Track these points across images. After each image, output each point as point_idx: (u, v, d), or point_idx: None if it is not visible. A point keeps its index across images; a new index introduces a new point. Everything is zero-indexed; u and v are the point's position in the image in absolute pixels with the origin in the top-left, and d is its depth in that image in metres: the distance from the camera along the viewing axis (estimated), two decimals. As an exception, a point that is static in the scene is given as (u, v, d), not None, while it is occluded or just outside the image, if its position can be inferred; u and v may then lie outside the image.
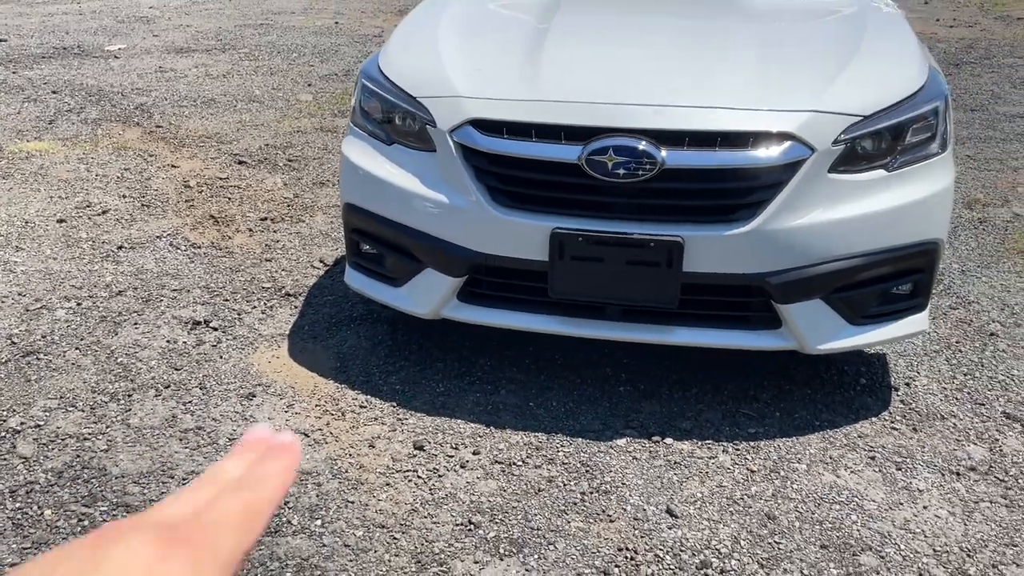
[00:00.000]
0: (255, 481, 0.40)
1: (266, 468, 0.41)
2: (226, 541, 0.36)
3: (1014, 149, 5.51)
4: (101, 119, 5.97)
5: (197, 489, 0.39)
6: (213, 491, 0.39)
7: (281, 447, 0.43)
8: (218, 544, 0.36)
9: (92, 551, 0.33)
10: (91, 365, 3.09)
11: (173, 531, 0.35)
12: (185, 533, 0.35)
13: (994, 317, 3.46)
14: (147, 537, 0.34)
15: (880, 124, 2.61)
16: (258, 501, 0.39)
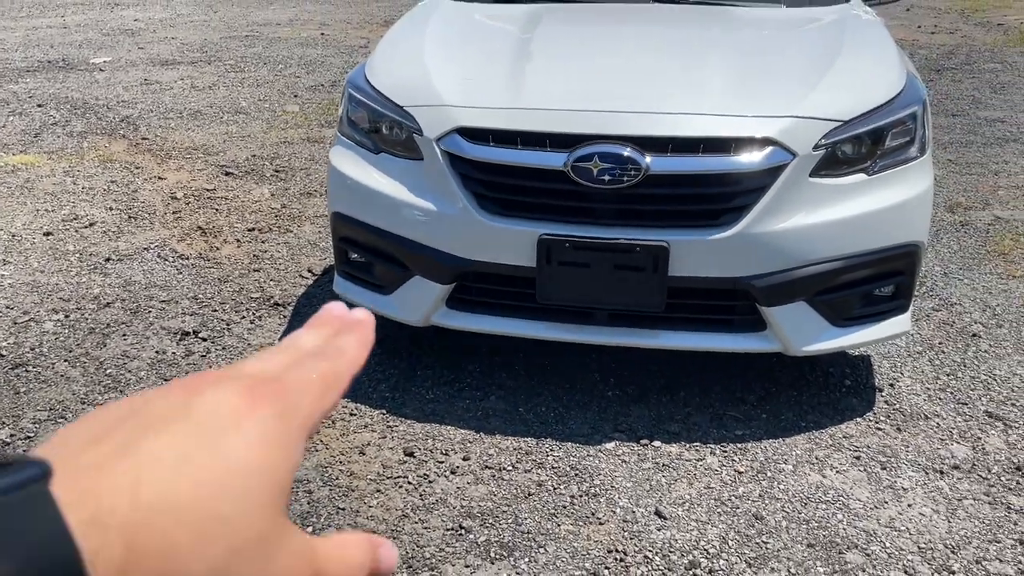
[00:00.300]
0: (333, 351, 0.40)
1: (343, 340, 0.41)
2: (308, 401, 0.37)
3: (994, 153, 5.59)
4: (87, 132, 5.97)
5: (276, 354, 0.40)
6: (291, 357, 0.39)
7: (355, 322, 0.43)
8: (300, 402, 0.36)
9: (184, 394, 0.34)
10: (80, 377, 3.09)
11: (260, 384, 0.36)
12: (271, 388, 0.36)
13: (976, 318, 3.51)
14: (236, 386, 0.35)
15: (860, 129, 2.65)
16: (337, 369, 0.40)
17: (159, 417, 0.33)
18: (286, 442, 0.34)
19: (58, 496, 0.28)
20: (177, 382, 0.36)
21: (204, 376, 0.36)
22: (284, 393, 0.36)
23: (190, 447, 0.32)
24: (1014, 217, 4.55)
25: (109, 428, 0.32)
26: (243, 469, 0.32)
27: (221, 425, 0.33)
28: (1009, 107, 6.70)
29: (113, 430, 0.32)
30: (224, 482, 0.32)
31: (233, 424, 0.33)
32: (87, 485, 0.29)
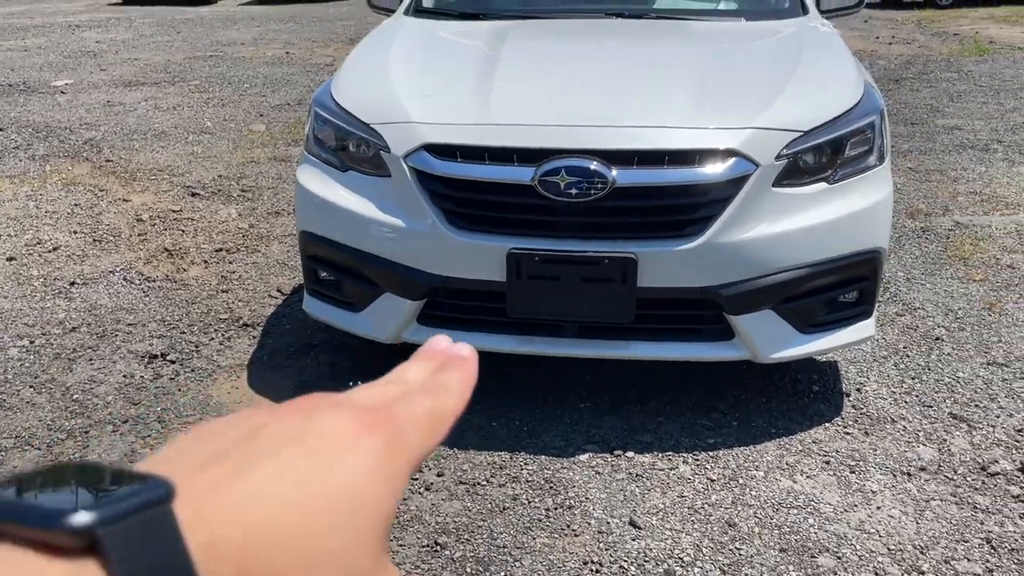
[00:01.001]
0: (439, 388, 0.40)
1: (447, 377, 0.41)
2: (415, 435, 0.37)
3: (953, 160, 5.71)
4: (49, 155, 5.90)
5: (384, 385, 0.40)
6: (399, 390, 0.39)
7: (459, 358, 0.43)
8: (408, 436, 0.36)
9: (299, 417, 0.34)
10: (46, 403, 3.05)
11: (372, 412, 0.36)
12: (382, 417, 0.36)
13: (939, 322, 3.58)
14: (348, 412, 0.35)
15: (820, 139, 2.70)
16: (443, 407, 0.39)
17: (275, 440, 0.33)
18: (393, 475, 0.34)
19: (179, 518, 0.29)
20: (292, 404, 0.36)
21: (318, 399, 0.36)
22: (394, 424, 0.36)
23: (302, 474, 0.32)
24: (973, 222, 4.65)
25: (226, 447, 0.32)
26: (352, 502, 0.32)
27: (333, 450, 0.33)
28: (966, 115, 6.85)
29: (230, 450, 0.32)
30: (333, 515, 0.32)
31: (344, 450, 0.33)
32: (204, 508, 0.29)
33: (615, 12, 3.73)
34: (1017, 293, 3.82)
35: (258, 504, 0.30)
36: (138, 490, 0.28)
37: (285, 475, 0.31)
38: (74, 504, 0.27)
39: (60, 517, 0.27)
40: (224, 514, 0.30)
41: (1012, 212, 4.79)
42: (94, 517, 0.27)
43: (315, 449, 0.33)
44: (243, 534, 0.29)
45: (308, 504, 0.31)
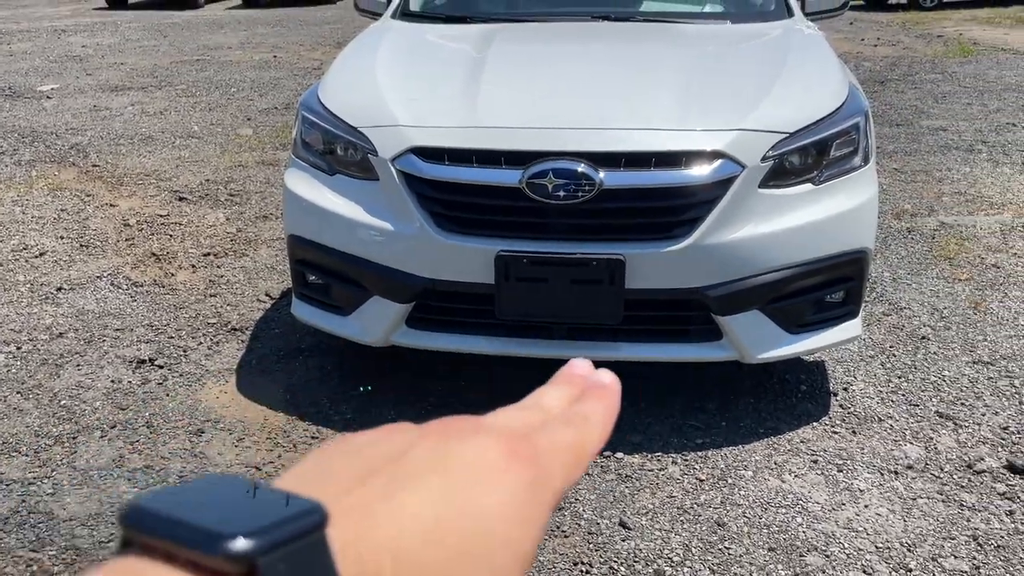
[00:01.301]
0: (580, 419, 0.38)
1: (589, 408, 0.39)
2: (558, 471, 0.35)
3: (938, 161, 5.75)
4: (35, 160, 5.87)
5: (522, 411, 0.38)
6: (538, 418, 0.37)
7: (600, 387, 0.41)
8: (552, 471, 0.34)
9: (443, 442, 0.33)
10: (33, 409, 3.03)
11: (515, 442, 0.34)
12: (525, 449, 0.34)
13: (925, 321, 3.60)
14: (493, 441, 0.34)
15: (805, 140, 2.72)
16: (584, 441, 0.37)
17: (419, 465, 0.32)
18: (535, 513, 0.33)
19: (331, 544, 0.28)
20: (436, 426, 0.35)
21: (461, 423, 0.35)
22: (537, 457, 0.34)
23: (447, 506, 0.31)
24: (958, 222, 4.68)
25: (371, 468, 0.32)
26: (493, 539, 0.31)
27: (477, 482, 0.32)
28: (950, 116, 6.90)
29: (375, 472, 0.31)
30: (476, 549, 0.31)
31: (489, 481, 0.32)
32: (353, 535, 0.29)
33: (602, 15, 3.75)
34: (1002, 292, 3.86)
35: (403, 534, 0.29)
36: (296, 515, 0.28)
37: (430, 505, 0.31)
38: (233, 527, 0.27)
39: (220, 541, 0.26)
40: (372, 542, 0.29)
41: (996, 212, 4.83)
42: (254, 545, 0.26)
43: (460, 479, 0.32)
44: (391, 563, 0.29)
45: (452, 537, 0.30)
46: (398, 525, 0.30)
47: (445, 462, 0.32)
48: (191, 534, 0.27)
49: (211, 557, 0.26)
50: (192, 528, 0.27)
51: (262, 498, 0.29)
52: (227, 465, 2.72)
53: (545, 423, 0.37)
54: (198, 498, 0.29)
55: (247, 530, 0.26)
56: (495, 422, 0.36)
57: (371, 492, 0.30)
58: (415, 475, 0.31)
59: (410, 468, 0.32)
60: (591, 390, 0.40)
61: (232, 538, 0.26)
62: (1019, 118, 6.77)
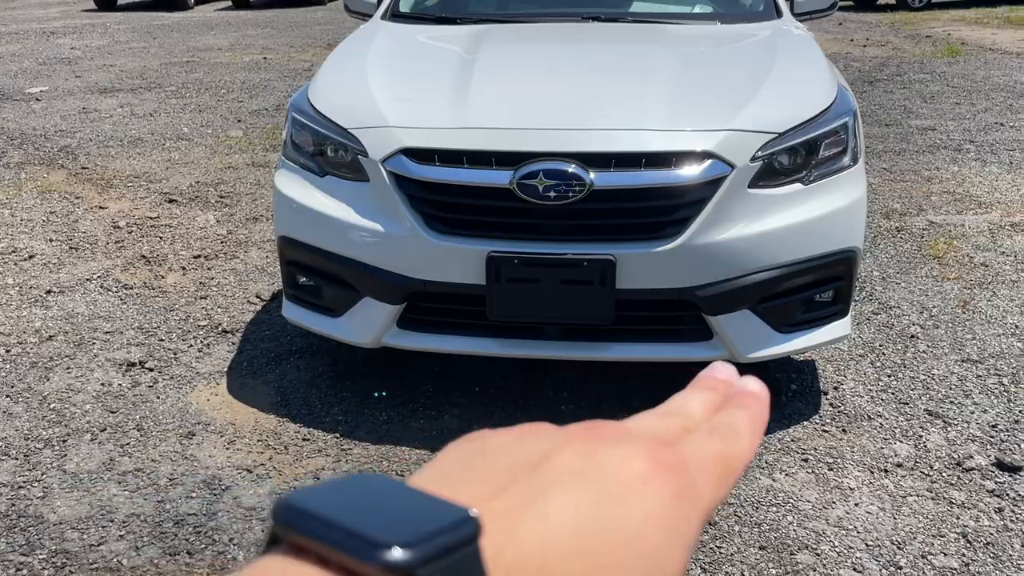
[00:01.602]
0: (727, 430, 0.35)
1: (736, 418, 0.36)
2: (707, 485, 0.33)
3: (927, 160, 5.78)
4: (24, 163, 5.85)
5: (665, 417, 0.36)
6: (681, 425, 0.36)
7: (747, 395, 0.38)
8: (700, 485, 0.33)
9: (586, 447, 0.32)
10: (23, 412, 3.02)
11: (662, 451, 0.32)
12: (672, 459, 0.32)
13: (914, 320, 3.62)
14: (639, 449, 0.32)
15: (794, 140, 2.73)
16: (732, 453, 0.35)
17: (563, 471, 0.31)
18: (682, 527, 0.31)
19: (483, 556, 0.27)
20: (578, 430, 0.34)
21: (605, 429, 0.34)
22: (684, 469, 0.33)
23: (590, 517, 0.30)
24: (947, 222, 4.71)
25: (513, 472, 0.31)
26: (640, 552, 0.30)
27: (623, 491, 0.31)
28: (939, 115, 6.94)
29: (518, 477, 0.30)
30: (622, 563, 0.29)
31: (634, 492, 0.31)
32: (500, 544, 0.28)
33: (591, 16, 3.76)
34: (990, 291, 3.88)
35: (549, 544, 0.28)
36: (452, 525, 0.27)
37: (574, 513, 0.29)
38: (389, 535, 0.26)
39: (377, 549, 0.25)
40: (519, 552, 0.28)
41: (985, 211, 4.85)
42: (412, 556, 0.25)
43: (604, 488, 0.30)
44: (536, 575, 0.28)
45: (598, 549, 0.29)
46: (544, 534, 0.29)
47: (590, 469, 0.31)
48: (346, 539, 0.26)
49: (367, 564, 0.25)
50: (348, 532, 0.26)
51: (414, 502, 0.28)
52: (218, 468, 2.71)
53: (690, 432, 0.35)
54: (350, 499, 0.28)
55: (405, 539, 0.26)
56: (639, 428, 0.35)
57: (515, 498, 0.29)
58: (559, 481, 0.30)
59: (554, 474, 0.31)
60: (737, 397, 0.38)
61: (389, 547, 0.25)
62: (1007, 118, 6.81)
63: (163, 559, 2.35)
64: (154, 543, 2.40)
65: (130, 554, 2.36)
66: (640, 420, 0.36)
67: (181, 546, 2.39)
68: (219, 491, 2.61)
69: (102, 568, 2.32)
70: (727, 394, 0.38)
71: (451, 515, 0.27)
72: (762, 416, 0.37)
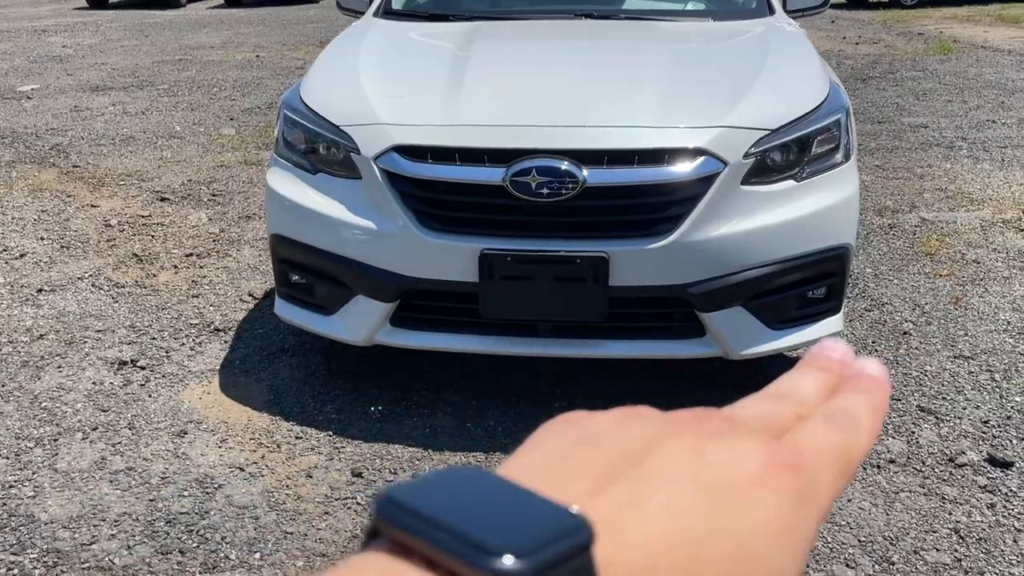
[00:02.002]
0: (846, 418, 0.33)
1: (854, 403, 0.33)
2: (824, 481, 0.30)
3: (919, 157, 5.79)
4: (15, 161, 5.82)
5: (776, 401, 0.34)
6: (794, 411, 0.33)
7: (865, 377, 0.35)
8: (819, 484, 0.30)
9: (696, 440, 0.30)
10: (14, 411, 3.01)
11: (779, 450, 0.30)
12: (790, 457, 0.30)
13: (906, 317, 3.63)
14: (752, 447, 0.30)
15: (787, 137, 2.74)
16: (851, 444, 0.32)
17: (670, 468, 0.29)
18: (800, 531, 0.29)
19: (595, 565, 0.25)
20: (685, 419, 0.31)
21: (712, 420, 0.31)
22: (802, 468, 0.30)
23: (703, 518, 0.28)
24: (939, 219, 4.72)
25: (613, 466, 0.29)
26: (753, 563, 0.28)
27: (736, 493, 0.28)
28: (931, 113, 6.95)
29: (619, 472, 0.28)
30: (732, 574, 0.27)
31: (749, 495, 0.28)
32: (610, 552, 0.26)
33: (584, 13, 3.76)
34: (982, 287, 3.89)
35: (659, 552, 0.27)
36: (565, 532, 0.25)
37: (684, 519, 0.27)
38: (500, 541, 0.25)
39: (489, 557, 0.24)
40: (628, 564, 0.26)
41: (977, 208, 4.87)
42: (526, 565, 0.24)
43: (714, 491, 0.28)
44: None
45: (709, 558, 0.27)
46: (653, 543, 0.27)
47: (698, 469, 0.29)
48: (455, 542, 0.25)
49: (478, 571, 0.24)
50: (456, 535, 0.25)
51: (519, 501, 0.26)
52: (210, 466, 2.71)
53: (803, 419, 0.33)
54: (452, 495, 0.26)
55: (517, 548, 0.24)
56: (750, 418, 0.33)
57: (620, 498, 0.27)
58: (666, 480, 0.28)
59: (659, 471, 0.28)
60: (855, 380, 0.35)
61: (500, 555, 0.24)
62: (999, 115, 6.83)
63: (155, 558, 2.34)
64: (146, 542, 2.39)
65: (122, 553, 2.35)
66: (748, 406, 0.34)
67: (173, 545, 2.38)
68: (211, 490, 2.60)
69: (94, 567, 2.31)
70: (843, 375, 0.35)
71: (562, 519, 0.26)
72: (883, 402, 0.34)
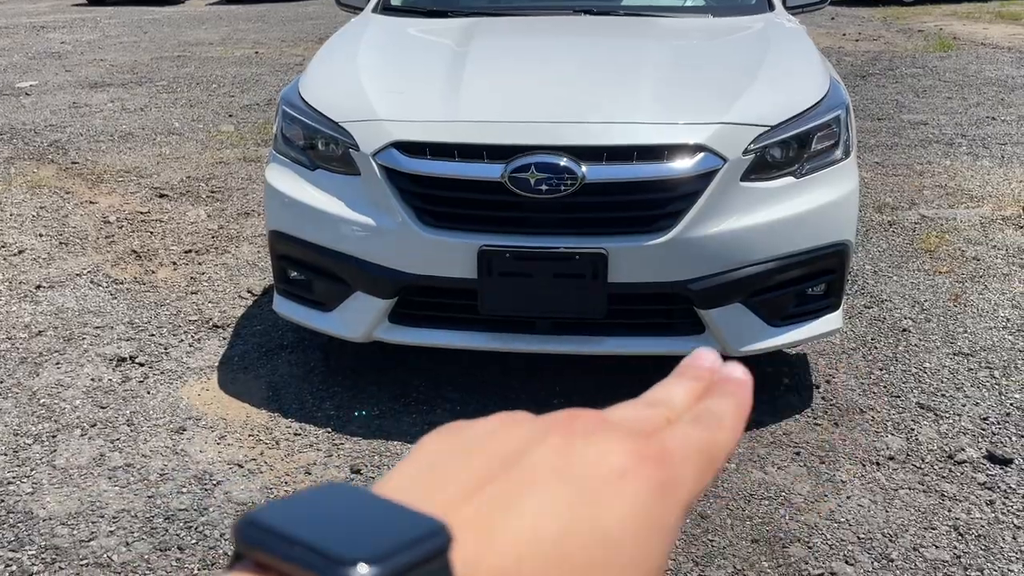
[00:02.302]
0: (711, 419, 0.35)
1: (719, 406, 0.36)
2: (686, 476, 0.32)
3: (919, 154, 5.79)
4: (14, 158, 5.81)
5: (647, 407, 0.35)
6: (664, 415, 0.35)
7: (731, 381, 0.37)
8: (683, 476, 0.32)
9: (564, 440, 0.31)
10: (12, 408, 3.00)
11: (644, 444, 0.32)
12: (655, 451, 0.31)
13: (906, 314, 3.63)
14: (619, 443, 0.31)
15: (787, 133, 2.73)
16: (714, 444, 0.34)
17: (541, 470, 0.30)
18: (665, 521, 0.31)
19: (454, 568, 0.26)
20: (556, 421, 0.33)
21: (584, 420, 0.33)
22: (668, 461, 0.32)
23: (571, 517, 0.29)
24: (939, 215, 4.71)
25: (488, 472, 0.30)
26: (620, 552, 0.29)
27: (601, 489, 0.30)
28: (931, 110, 6.94)
29: (492, 477, 0.29)
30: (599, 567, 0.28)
31: (613, 489, 0.30)
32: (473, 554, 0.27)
33: (583, 9, 3.75)
34: (982, 284, 3.88)
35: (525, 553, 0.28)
36: (419, 538, 0.26)
37: (552, 518, 0.28)
38: (352, 551, 0.25)
39: (339, 566, 0.25)
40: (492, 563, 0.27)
41: (976, 205, 4.86)
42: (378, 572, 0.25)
43: (581, 487, 0.30)
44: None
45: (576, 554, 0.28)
46: (519, 543, 0.28)
47: (567, 467, 0.30)
48: (308, 556, 0.25)
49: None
50: (311, 549, 0.25)
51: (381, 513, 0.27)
52: (209, 463, 2.70)
53: (672, 422, 0.35)
54: (314, 512, 0.27)
55: (368, 555, 0.25)
56: (622, 420, 0.34)
57: (489, 502, 0.29)
58: (536, 482, 0.29)
59: (530, 473, 0.30)
60: (720, 384, 0.37)
61: (352, 564, 0.25)
62: (998, 112, 6.83)
63: (154, 554, 2.34)
64: (145, 538, 2.39)
65: (120, 549, 2.35)
66: (621, 410, 0.35)
67: (172, 541, 2.38)
68: (210, 486, 2.60)
69: (92, 564, 2.30)
70: (710, 382, 0.37)
71: (419, 526, 0.26)
72: (746, 403, 0.36)
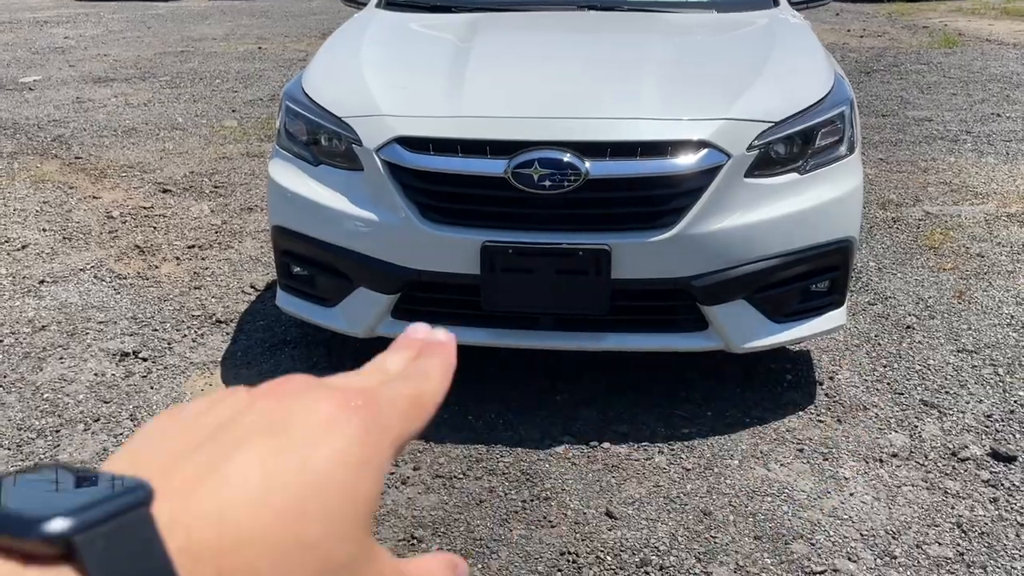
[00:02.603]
0: (419, 374, 0.40)
1: (427, 363, 0.41)
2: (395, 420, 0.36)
3: (923, 151, 5.77)
4: (17, 152, 5.81)
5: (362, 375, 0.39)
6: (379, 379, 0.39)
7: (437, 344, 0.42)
8: (389, 418, 0.35)
9: (275, 402, 0.34)
10: (16, 402, 3.01)
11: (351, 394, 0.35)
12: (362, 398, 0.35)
13: (910, 311, 3.62)
14: (327, 394, 0.34)
15: (791, 129, 2.72)
16: (423, 392, 0.39)
17: (249, 429, 0.32)
18: (373, 459, 0.33)
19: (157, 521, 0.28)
20: (270, 387, 0.35)
21: (297, 382, 0.36)
22: (374, 406, 0.35)
23: (275, 467, 0.31)
24: (943, 212, 4.70)
25: (199, 439, 0.32)
26: (327, 490, 0.31)
27: (308, 438, 0.32)
28: (935, 106, 6.92)
29: (204, 444, 0.32)
30: (310, 504, 0.31)
31: (320, 436, 0.32)
32: (180, 509, 0.29)
33: (587, 4, 3.74)
34: (986, 281, 3.87)
35: (231, 502, 0.29)
36: (115, 493, 0.28)
37: (256, 467, 0.31)
38: (49, 509, 0.27)
39: (35, 524, 0.26)
40: (199, 515, 0.29)
41: (981, 202, 4.85)
42: (70, 524, 0.26)
43: (290, 438, 0.32)
44: (218, 535, 0.29)
45: (281, 498, 0.30)
46: (224, 493, 0.30)
47: (275, 424, 0.32)
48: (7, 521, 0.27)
49: (28, 541, 0.26)
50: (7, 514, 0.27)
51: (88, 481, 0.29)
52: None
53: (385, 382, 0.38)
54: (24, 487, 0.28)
55: (63, 510, 0.26)
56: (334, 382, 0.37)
57: (197, 464, 0.30)
58: (243, 439, 0.32)
59: (238, 433, 0.32)
60: (428, 347, 0.42)
61: (48, 520, 0.26)
62: (1003, 108, 6.80)
63: (156, 549, 2.34)
64: (147, 533, 2.39)
65: (123, 544, 2.35)
66: (339, 377, 0.39)
67: (174, 536, 2.38)
68: (213, 481, 2.60)
69: (95, 558, 2.31)
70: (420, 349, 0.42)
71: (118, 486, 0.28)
72: (449, 360, 0.41)
